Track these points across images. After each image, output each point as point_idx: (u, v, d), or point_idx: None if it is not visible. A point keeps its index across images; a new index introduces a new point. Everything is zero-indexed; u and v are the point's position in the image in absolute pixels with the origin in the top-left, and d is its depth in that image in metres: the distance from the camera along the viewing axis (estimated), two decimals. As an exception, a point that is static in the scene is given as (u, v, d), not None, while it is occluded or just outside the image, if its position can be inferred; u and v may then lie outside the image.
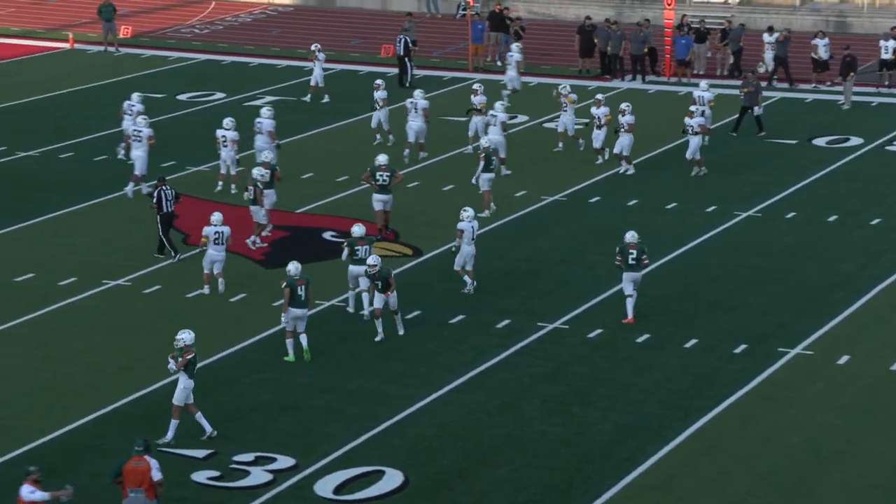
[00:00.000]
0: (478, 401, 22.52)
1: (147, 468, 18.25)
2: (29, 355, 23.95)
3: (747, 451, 21.06)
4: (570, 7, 51.81)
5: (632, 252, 25.33)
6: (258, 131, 33.12)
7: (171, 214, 28.37)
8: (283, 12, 53.59)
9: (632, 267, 25.38)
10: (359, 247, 25.54)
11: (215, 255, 26.43)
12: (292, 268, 23.91)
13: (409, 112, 34.83)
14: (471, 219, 26.51)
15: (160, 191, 28.27)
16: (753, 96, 37.31)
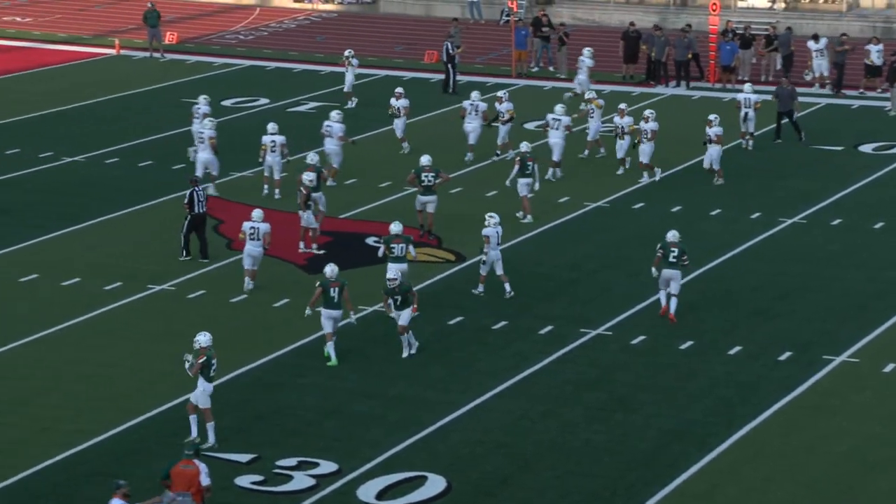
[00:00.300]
0: (520, 407, 22.50)
1: (196, 472, 18.33)
2: (75, 359, 24.11)
3: (792, 460, 20.94)
4: (613, 13, 51.73)
5: (673, 250, 25.64)
6: (327, 134, 33.45)
7: (203, 216, 28.51)
8: (327, 18, 53.75)
9: (671, 265, 25.63)
10: (395, 244, 25.74)
11: (251, 250, 26.82)
12: (328, 269, 24.17)
13: (467, 113, 35.04)
14: (496, 224, 26.58)
15: (193, 192, 28.45)
16: (788, 102, 37.18)
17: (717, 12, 44.02)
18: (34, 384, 23.10)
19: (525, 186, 30.80)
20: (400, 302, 23.94)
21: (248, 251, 26.90)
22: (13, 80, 44.11)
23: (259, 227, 26.86)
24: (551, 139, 33.86)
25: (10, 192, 33.08)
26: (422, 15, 53.87)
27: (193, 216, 28.39)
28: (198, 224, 28.48)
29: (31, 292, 27.07)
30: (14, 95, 42.18)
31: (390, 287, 23.99)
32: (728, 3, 49.90)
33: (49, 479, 20.20)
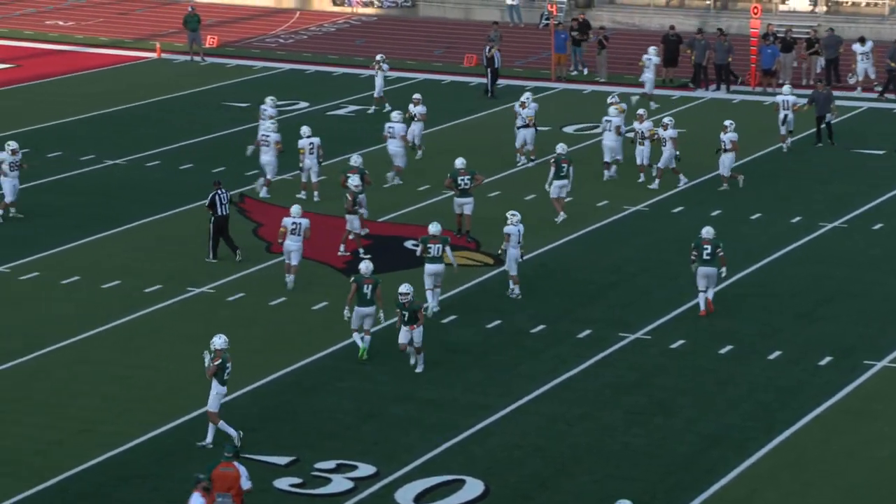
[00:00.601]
0: (559, 411, 22.45)
1: (236, 474, 18.36)
2: (115, 361, 24.23)
3: (832, 465, 20.81)
4: (653, 16, 51.59)
5: (706, 247, 25.78)
6: (390, 136, 33.68)
7: (226, 218, 28.64)
8: (367, 22, 53.85)
9: (706, 262, 25.79)
10: (431, 245, 25.87)
11: (291, 245, 27.09)
12: (363, 266, 24.46)
13: (517, 116, 35.28)
14: (518, 222, 26.63)
15: (215, 195, 28.61)
16: (825, 105, 36.99)
17: (759, 15, 43.82)
18: (74, 386, 23.23)
19: (559, 189, 30.82)
20: (408, 318, 23.58)
21: (288, 246, 27.14)
22: (55, 84, 44.41)
23: (300, 222, 27.12)
24: (605, 141, 34.08)
25: (52, 194, 33.29)
26: (461, 18, 53.88)
27: (216, 219, 28.57)
28: (221, 226, 28.64)
29: (72, 294, 27.23)
30: (56, 98, 42.46)
31: (401, 301, 23.62)
32: (769, 7, 49.68)
33: (88, 481, 20.30)
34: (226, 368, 21.07)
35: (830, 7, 50.56)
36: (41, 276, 28.14)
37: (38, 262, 28.82)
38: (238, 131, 38.93)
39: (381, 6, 54.99)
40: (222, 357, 21.03)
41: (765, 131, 38.01)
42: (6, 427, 21.82)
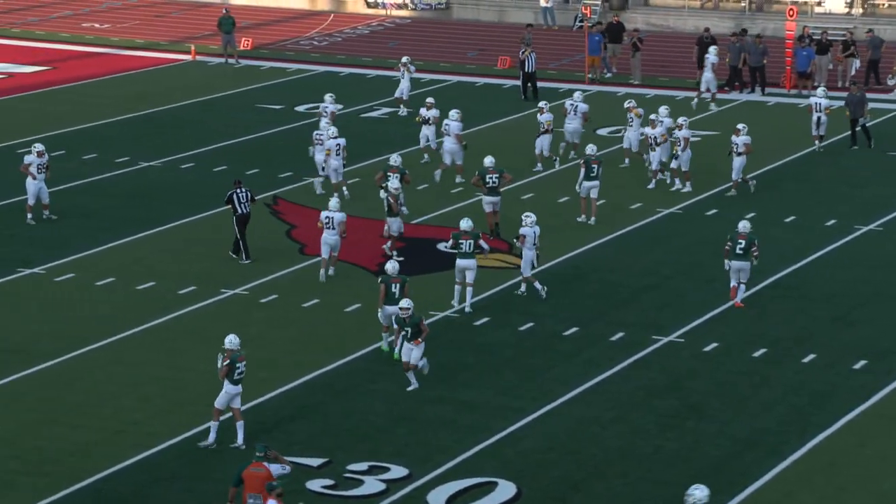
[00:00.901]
0: (591, 413, 22.42)
1: (267, 474, 18.41)
2: (149, 362, 24.33)
3: (866, 470, 20.70)
4: (688, 18, 51.46)
5: (740, 242, 26.10)
6: (446, 133, 34.01)
7: (246, 216, 28.79)
8: (401, 24, 53.91)
9: (738, 256, 26.09)
10: (462, 241, 26.05)
11: (326, 238, 27.52)
12: (389, 266, 24.57)
13: (567, 113, 35.52)
14: (533, 224, 26.72)
15: (234, 193, 28.81)
16: (858, 108, 36.81)
17: (794, 17, 43.65)
18: (109, 387, 23.34)
19: (588, 189, 30.83)
20: (410, 335, 22.97)
21: (324, 239, 27.60)
22: (91, 86, 44.66)
23: (333, 216, 27.43)
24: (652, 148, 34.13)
25: (87, 196, 33.47)
26: (495, 21, 53.89)
27: (237, 217, 28.75)
28: (242, 224, 28.84)
29: (107, 295, 27.37)
30: (92, 100, 42.69)
31: (402, 316, 23.06)
32: (805, 9, 49.49)
33: (123, 482, 20.40)
34: (236, 368, 21.13)
35: (867, 9, 50.31)
36: (76, 277, 28.30)
37: (73, 264, 28.99)
38: (272, 133, 39.05)
39: (414, 8, 55.05)
40: (231, 357, 21.12)
41: (800, 134, 37.86)
42: (42, 428, 21.96)
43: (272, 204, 32.75)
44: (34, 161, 31.09)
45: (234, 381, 21.14)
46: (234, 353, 21.16)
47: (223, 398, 21.18)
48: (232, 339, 21.23)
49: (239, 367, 21.16)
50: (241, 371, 21.17)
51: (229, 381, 21.13)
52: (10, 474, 20.56)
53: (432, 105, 35.63)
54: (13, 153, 35.70)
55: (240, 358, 21.18)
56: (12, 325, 25.90)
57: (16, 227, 31.15)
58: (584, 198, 31.04)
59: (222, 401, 21.20)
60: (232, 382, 21.12)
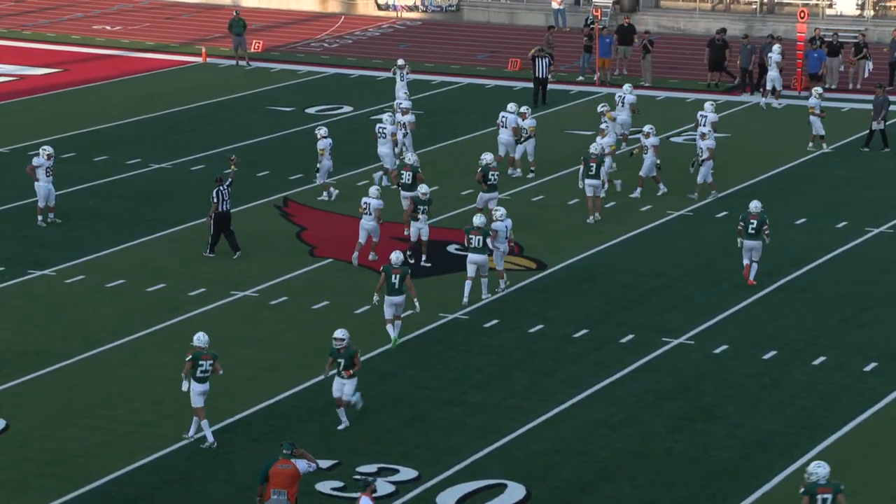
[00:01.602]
0: (600, 416, 22.41)
1: (294, 471, 18.50)
2: (160, 364, 24.35)
3: (876, 472, 20.67)
4: (699, 20, 51.43)
5: (752, 222, 27.12)
6: (502, 125, 34.51)
7: (227, 214, 29.03)
8: (411, 26, 53.94)
9: (751, 236, 27.17)
10: (473, 235, 26.35)
11: (364, 224, 28.44)
12: (392, 256, 24.83)
13: (617, 105, 35.81)
14: (503, 217, 26.93)
15: (217, 190, 29.06)
16: (877, 111, 36.72)
17: (805, 20, 43.60)
18: (119, 388, 23.38)
19: (591, 188, 30.95)
20: (343, 365, 21.69)
21: (362, 224, 28.49)
22: (102, 88, 44.74)
23: (371, 202, 28.23)
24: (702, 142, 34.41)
25: (98, 197, 33.52)
26: (505, 22, 53.90)
27: (217, 215, 28.94)
28: (222, 222, 29.02)
29: (117, 297, 27.42)
30: (103, 102, 42.77)
31: (335, 347, 21.74)
32: (816, 11, 49.42)
33: (133, 483, 20.43)
34: (199, 366, 21.23)
35: (878, 11, 50.22)
36: (87, 279, 28.35)
37: (83, 266, 29.04)
38: (282, 135, 39.10)
39: (425, 10, 55.08)
40: (194, 354, 21.27)
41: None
42: (53, 429, 22.00)
43: (282, 206, 32.79)
44: (43, 163, 31.15)
45: (198, 379, 21.27)
46: (198, 350, 21.33)
47: (192, 396, 21.32)
48: (200, 337, 21.44)
49: (203, 365, 21.29)
50: (204, 369, 21.29)
51: (194, 379, 21.27)
52: (21, 475, 20.61)
53: (408, 110, 34.84)
54: (25, 155, 35.76)
55: (204, 356, 21.31)
56: (23, 327, 25.94)
57: (27, 229, 31.22)
58: (590, 196, 31.14)
59: (195, 400, 21.33)
60: (196, 380, 21.26)
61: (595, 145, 31.71)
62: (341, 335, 21.74)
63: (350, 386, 21.66)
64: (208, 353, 21.36)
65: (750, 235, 27.17)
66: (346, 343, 21.76)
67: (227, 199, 29.03)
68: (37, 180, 31.12)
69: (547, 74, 41.63)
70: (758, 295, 27.16)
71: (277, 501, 18.48)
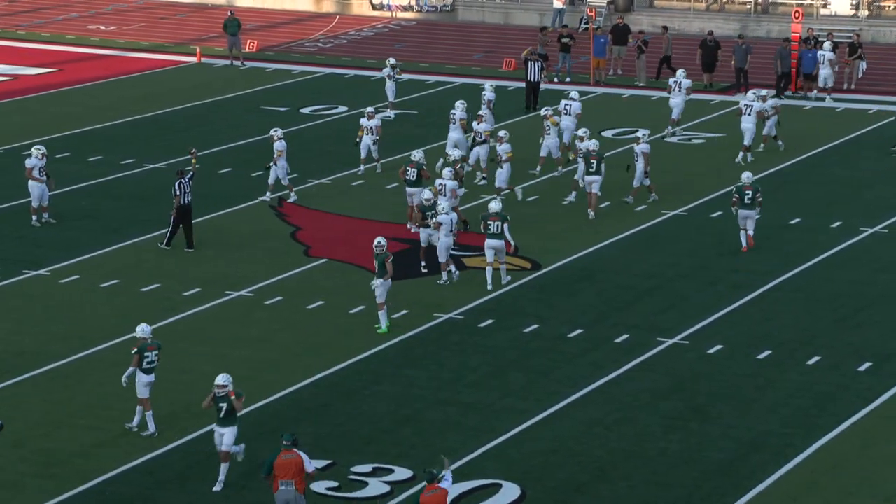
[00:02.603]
0: (596, 415, 22.43)
1: (299, 460, 18.58)
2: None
3: (871, 472, 20.69)
4: (693, 21, 51.46)
5: (747, 192, 28.90)
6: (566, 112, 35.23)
7: (188, 206, 29.24)
8: (406, 26, 53.94)
9: (746, 206, 29.00)
10: (491, 222, 27.04)
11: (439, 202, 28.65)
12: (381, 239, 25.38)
13: (671, 90, 37.36)
14: (448, 210, 27.37)
15: (178, 182, 29.28)
16: None
17: (800, 20, 43.63)
18: (113, 388, 23.33)
19: (590, 185, 31.18)
20: (224, 412, 20.00)
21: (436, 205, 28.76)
22: (97, 88, 44.71)
23: (446, 183, 29.08)
24: (743, 124, 35.34)
25: (92, 197, 33.49)
26: (500, 23, 53.90)
27: (178, 207, 29.09)
28: (183, 215, 29.20)
29: (112, 297, 27.40)
30: (97, 102, 42.74)
31: (218, 394, 19.94)
32: (810, 11, 49.46)
33: (128, 483, 20.42)
34: (145, 357, 21.44)
35: (873, 11, 50.28)
36: (81, 279, 28.34)
37: (78, 266, 29.02)
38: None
39: (420, 10, 55.08)
40: (140, 346, 21.46)
41: (805, 136, 37.88)
42: (49, 429, 21.99)
43: (277, 206, 32.78)
44: (36, 164, 31.12)
45: (145, 370, 21.44)
46: (144, 341, 21.49)
47: (138, 388, 21.49)
48: (143, 328, 21.64)
49: (148, 356, 21.46)
50: (150, 360, 21.46)
51: (141, 371, 21.41)
52: (17, 475, 20.60)
53: (373, 115, 34.72)
54: (19, 155, 35.73)
55: (150, 347, 21.48)
56: (18, 327, 25.92)
57: (22, 229, 31.20)
58: (589, 192, 31.33)
59: (140, 390, 21.50)
60: (143, 371, 21.41)
61: (594, 142, 31.76)
62: (223, 381, 19.88)
63: (230, 435, 20.09)
64: (153, 344, 21.58)
65: (745, 205, 28.91)
66: (230, 388, 19.91)
67: (188, 191, 29.27)
68: (40, 181, 31.02)
69: (540, 78, 41.19)
70: (752, 295, 27.19)
71: (286, 492, 18.56)
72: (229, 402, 19.99)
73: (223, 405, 20.01)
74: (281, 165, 32.35)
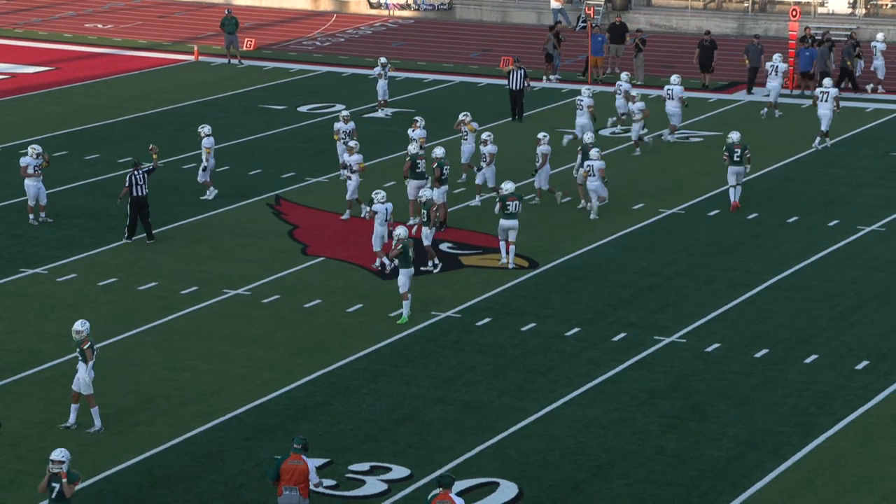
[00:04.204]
0: (593, 414, 22.43)
1: (305, 467, 18.41)
2: (151, 363, 24.35)
3: (869, 471, 20.69)
4: (691, 19, 51.46)
5: (737, 150, 31.05)
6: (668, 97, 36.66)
7: (142, 199, 29.50)
8: (404, 25, 53.94)
9: (736, 163, 31.14)
10: (510, 202, 28.02)
11: (589, 185, 31.09)
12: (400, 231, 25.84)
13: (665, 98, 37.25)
14: (383, 200, 27.73)
15: (131, 175, 29.48)
16: None
17: (797, 18, 43.64)
18: (111, 387, 23.35)
19: (583, 177, 31.40)
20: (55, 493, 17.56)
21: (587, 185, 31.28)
22: (94, 86, 44.70)
23: (593, 164, 30.69)
24: (820, 110, 35.92)
25: (89, 196, 33.48)
26: (498, 21, 53.90)
27: (133, 199, 29.39)
28: (138, 207, 29.50)
29: (110, 296, 27.39)
30: (94, 101, 42.73)
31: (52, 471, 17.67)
32: (807, 9, 49.47)
33: (125, 482, 20.41)
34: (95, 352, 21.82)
35: (870, 10, 50.29)
36: (78, 277, 28.33)
37: (75, 264, 29.01)
38: (275, 134, 39.09)
39: (417, 9, 55.08)
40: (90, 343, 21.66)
41: (802, 134, 37.89)
42: (46, 428, 21.98)
43: (275, 204, 32.78)
44: (31, 162, 31.11)
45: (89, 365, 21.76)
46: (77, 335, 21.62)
47: (83, 384, 21.65)
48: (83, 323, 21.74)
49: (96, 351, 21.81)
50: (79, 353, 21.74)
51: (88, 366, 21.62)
52: (14, 474, 20.59)
53: (348, 118, 34.21)
54: (16, 154, 35.70)
55: (83, 341, 21.67)
56: (15, 326, 25.92)
57: (19, 228, 31.19)
58: (581, 185, 31.56)
59: (86, 387, 21.65)
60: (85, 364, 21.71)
61: (589, 135, 32.01)
62: (59, 457, 17.68)
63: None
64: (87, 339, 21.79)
65: (735, 162, 31.12)
66: (66, 466, 17.81)
67: (141, 183, 29.46)
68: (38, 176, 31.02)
69: (523, 86, 39.55)
70: (750, 293, 27.20)
71: (290, 497, 18.47)
72: (61, 484, 17.47)
73: (55, 485, 17.50)
74: (210, 163, 32.39)
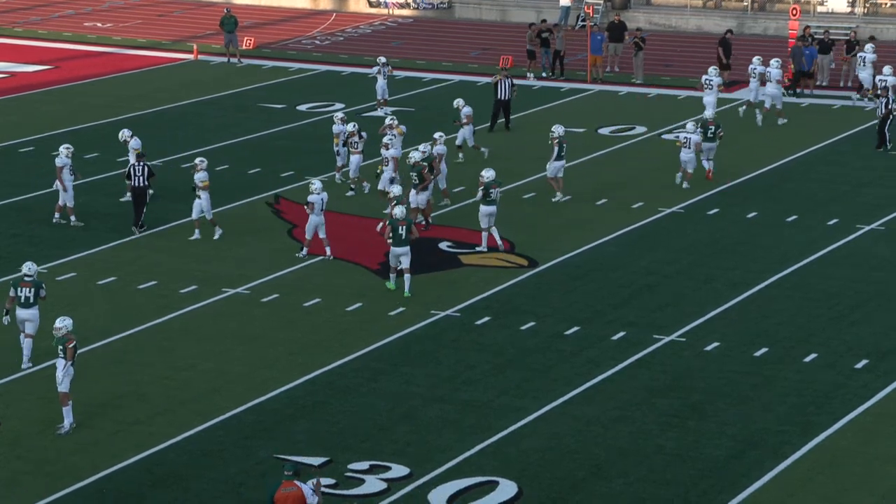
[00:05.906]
0: (592, 413, 22.42)
1: (299, 493, 17.68)
2: (150, 362, 24.34)
3: (868, 470, 20.69)
4: (690, 18, 51.45)
5: (710, 127, 33.08)
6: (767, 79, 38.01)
7: (142, 189, 30.07)
8: (403, 24, 53.94)
9: (709, 139, 33.09)
10: (492, 190, 28.73)
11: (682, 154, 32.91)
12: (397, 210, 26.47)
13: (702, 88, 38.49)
14: (319, 191, 28.15)
15: (133, 166, 30.13)
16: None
17: (797, 17, 43.62)
18: (109, 386, 23.35)
19: (556, 170, 31.91)
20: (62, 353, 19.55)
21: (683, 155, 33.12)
22: (93, 85, 44.69)
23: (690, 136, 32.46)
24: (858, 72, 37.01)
25: (88, 195, 33.46)
26: (497, 20, 53.89)
27: (132, 189, 30.04)
28: (136, 196, 30.11)
29: (109, 295, 27.39)
30: (93, 100, 42.72)
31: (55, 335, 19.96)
32: (807, 8, 49.48)
33: (123, 481, 20.41)
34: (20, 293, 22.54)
35: (869, 8, 50.29)
36: (78, 276, 28.32)
37: (74, 263, 29.01)
38: (274, 132, 39.08)
39: (417, 8, 55.08)
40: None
41: (801, 133, 37.89)
42: (44, 427, 21.96)
43: (274, 203, 32.77)
44: (66, 163, 31.00)
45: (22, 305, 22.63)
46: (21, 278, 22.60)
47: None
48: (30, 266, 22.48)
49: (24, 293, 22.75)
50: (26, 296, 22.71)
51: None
52: (12, 473, 20.59)
53: (343, 120, 33.86)
54: (15, 152, 35.74)
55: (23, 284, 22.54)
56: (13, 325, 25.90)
57: (18, 227, 31.18)
58: (553, 178, 31.98)
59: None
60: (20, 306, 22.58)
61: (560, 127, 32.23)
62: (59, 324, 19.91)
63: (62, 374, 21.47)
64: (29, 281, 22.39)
65: (708, 139, 32.97)
66: (66, 331, 19.74)
67: (140, 175, 30.02)
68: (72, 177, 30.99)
69: (511, 96, 38.48)
70: (749, 292, 27.19)
71: None
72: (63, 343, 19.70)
73: None
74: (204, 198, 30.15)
